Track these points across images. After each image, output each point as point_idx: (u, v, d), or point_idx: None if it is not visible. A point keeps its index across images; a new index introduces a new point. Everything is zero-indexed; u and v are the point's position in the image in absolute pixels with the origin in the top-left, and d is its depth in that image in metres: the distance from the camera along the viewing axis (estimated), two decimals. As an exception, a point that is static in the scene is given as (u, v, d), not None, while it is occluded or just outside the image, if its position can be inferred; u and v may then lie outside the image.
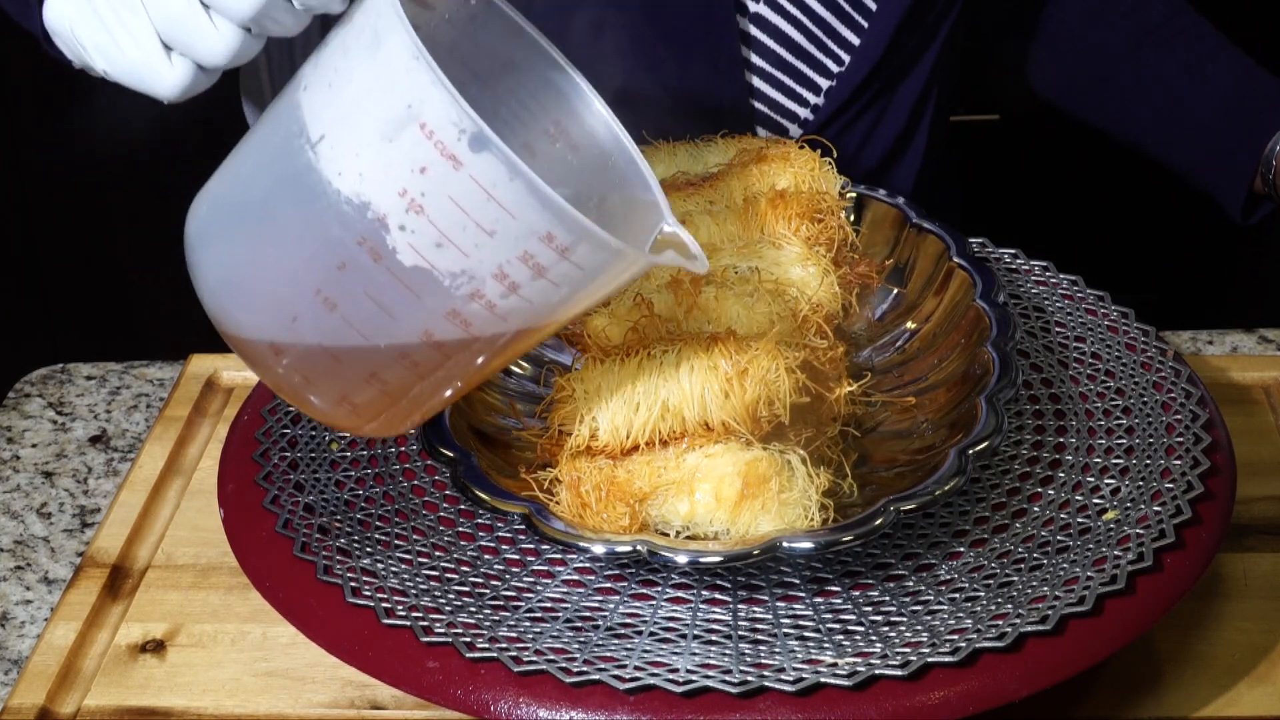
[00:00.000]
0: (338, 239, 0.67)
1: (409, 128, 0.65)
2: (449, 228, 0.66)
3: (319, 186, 0.67)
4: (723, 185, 0.99)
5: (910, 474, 0.86)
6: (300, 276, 0.69)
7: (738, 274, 0.90)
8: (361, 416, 0.74)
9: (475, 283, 0.68)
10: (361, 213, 0.66)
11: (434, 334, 0.69)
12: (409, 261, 0.67)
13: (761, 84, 1.18)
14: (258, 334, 0.71)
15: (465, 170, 0.65)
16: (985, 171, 2.06)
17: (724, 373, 0.80)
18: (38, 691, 0.87)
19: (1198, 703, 0.85)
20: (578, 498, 0.81)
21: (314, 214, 0.67)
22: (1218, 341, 1.15)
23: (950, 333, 0.96)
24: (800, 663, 0.77)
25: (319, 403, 0.74)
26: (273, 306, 0.70)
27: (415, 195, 0.66)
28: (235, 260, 0.71)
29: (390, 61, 0.65)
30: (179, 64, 0.70)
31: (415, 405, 0.74)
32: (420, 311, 0.69)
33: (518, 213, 0.66)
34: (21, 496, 1.04)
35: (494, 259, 0.67)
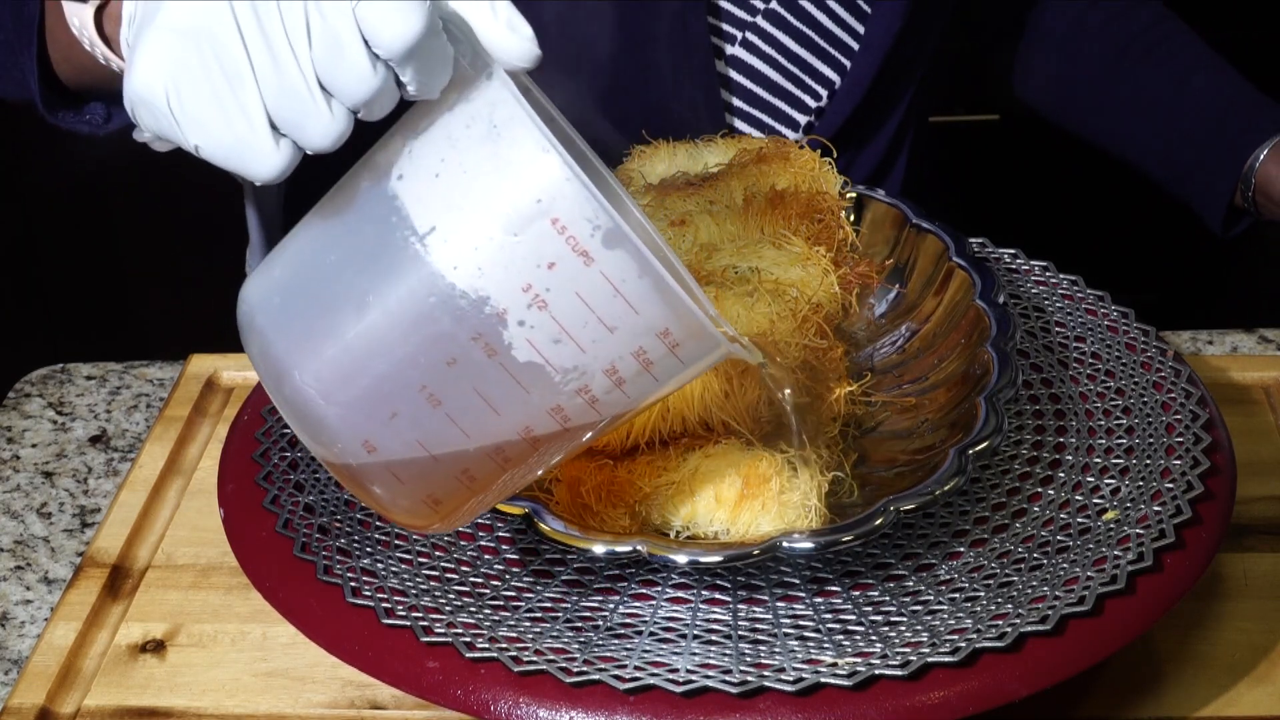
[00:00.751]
0: (449, 334, 0.65)
1: (538, 222, 0.63)
2: (571, 324, 0.65)
3: (429, 280, 0.64)
4: (723, 185, 0.99)
5: (910, 474, 0.86)
6: (404, 373, 0.66)
7: (738, 274, 0.90)
8: (440, 511, 0.71)
9: (585, 378, 0.66)
10: (479, 307, 0.64)
11: (533, 429, 0.68)
12: (523, 358, 0.65)
13: (741, 124, 1.19)
14: (351, 433, 0.67)
15: (596, 266, 0.64)
16: (985, 171, 2.06)
17: (724, 373, 0.80)
18: (38, 691, 0.87)
19: (1198, 703, 0.85)
20: (578, 498, 0.81)
21: (424, 308, 0.65)
22: (1218, 341, 1.15)
23: (950, 333, 0.96)
24: (800, 663, 0.77)
25: (389, 496, 0.70)
26: (371, 404, 0.67)
27: (540, 290, 0.64)
28: (324, 358, 0.67)
29: (513, 154, 0.63)
30: (284, 146, 0.65)
31: (489, 499, 0.72)
32: (526, 408, 0.67)
33: (641, 309, 0.65)
34: (21, 496, 1.04)
35: (609, 355, 0.66)
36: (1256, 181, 1.17)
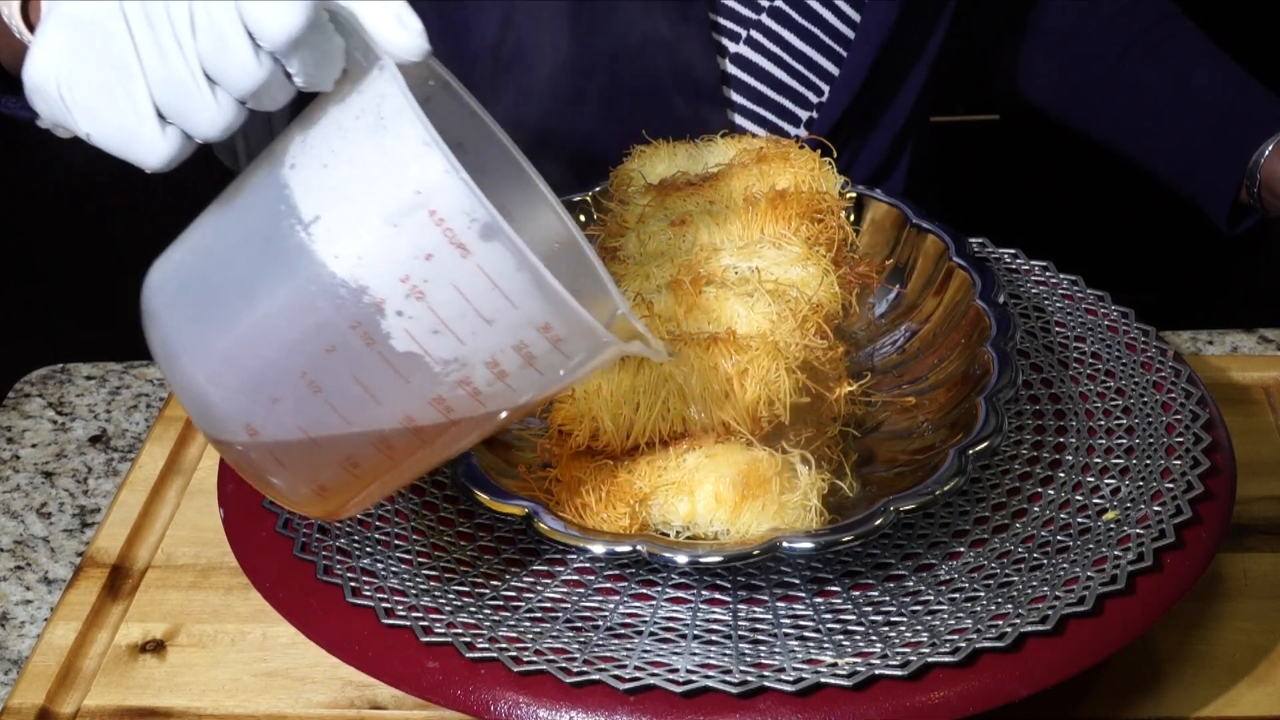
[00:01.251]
0: (329, 322, 0.66)
1: (417, 214, 0.64)
2: (449, 315, 0.65)
3: (311, 268, 0.65)
4: (723, 185, 0.99)
5: (910, 474, 0.86)
6: (285, 359, 0.67)
7: (738, 274, 0.90)
8: (326, 498, 0.72)
9: (466, 370, 0.67)
10: (358, 296, 0.65)
11: (415, 419, 0.68)
12: (402, 347, 0.66)
13: (744, 121, 1.19)
14: (235, 414, 0.69)
15: (473, 259, 0.64)
16: (985, 171, 2.06)
17: (724, 373, 0.80)
18: (38, 691, 0.87)
19: (1198, 703, 0.85)
20: (578, 498, 0.81)
21: (305, 296, 0.66)
22: (1218, 341, 1.15)
23: (950, 333, 0.96)
24: (800, 663, 0.77)
25: (284, 484, 0.71)
26: (254, 388, 0.68)
27: (418, 281, 0.65)
28: (212, 340, 0.68)
29: (397, 146, 0.64)
30: (171, 135, 0.67)
31: (381, 488, 0.73)
32: (406, 397, 0.68)
33: (520, 303, 0.65)
34: (21, 496, 1.04)
35: (489, 347, 0.67)
36: (1261, 177, 1.17)
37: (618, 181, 1.03)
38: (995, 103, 2.05)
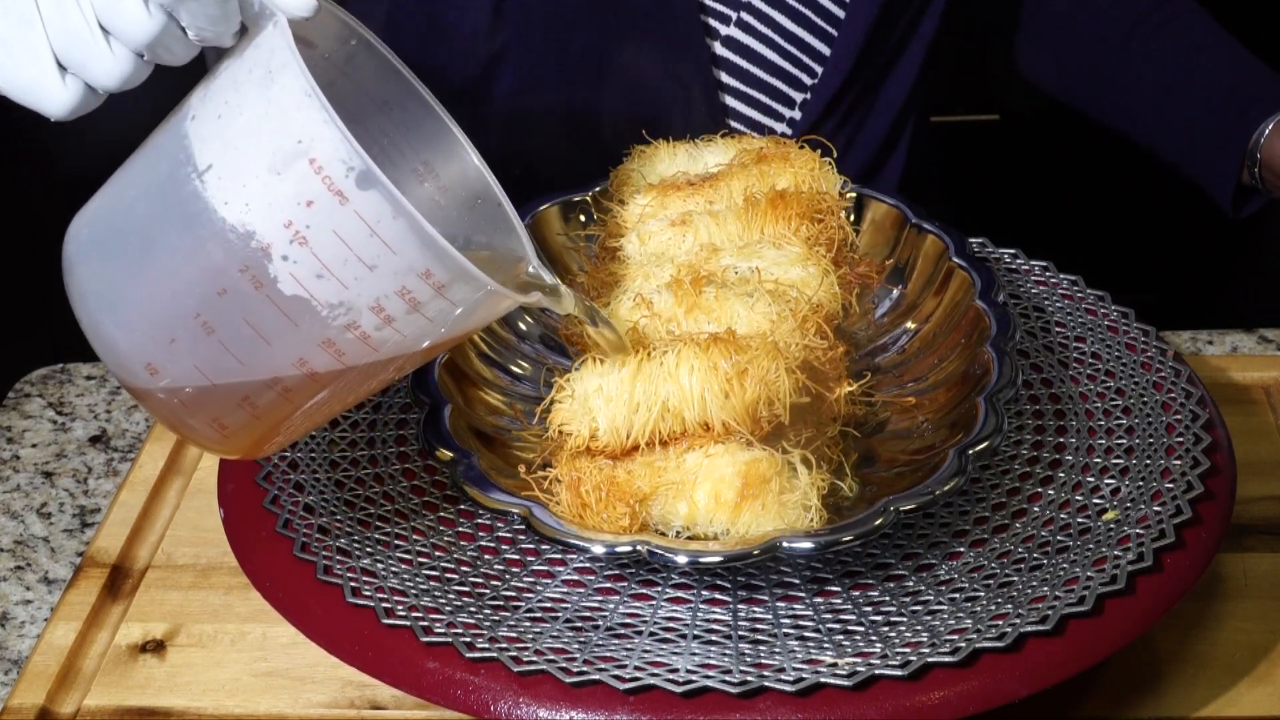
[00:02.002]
0: (220, 266, 0.69)
1: (298, 162, 0.67)
2: (331, 260, 0.68)
3: (204, 214, 0.69)
4: (723, 185, 0.99)
5: (910, 474, 0.86)
6: (180, 300, 0.70)
7: (738, 274, 0.90)
8: (230, 439, 0.75)
9: (352, 314, 0.70)
10: (246, 241, 0.69)
11: (308, 362, 0.71)
12: (289, 291, 0.69)
13: (736, 103, 1.19)
14: (135, 354, 0.72)
15: (351, 206, 0.67)
16: (985, 171, 2.06)
17: (724, 373, 0.80)
18: (38, 691, 0.87)
19: (1198, 703, 0.85)
20: (578, 498, 0.81)
21: (198, 240, 0.69)
22: (1218, 341, 1.15)
23: (950, 333, 0.96)
24: (800, 663, 0.77)
25: (191, 423, 0.75)
26: (152, 328, 0.71)
27: (300, 227, 0.68)
28: (116, 283, 0.72)
29: (282, 98, 0.68)
30: (71, 84, 0.71)
31: (283, 430, 0.76)
32: (296, 340, 0.71)
33: (399, 249, 0.68)
34: (21, 496, 1.04)
35: (372, 292, 0.69)
36: (1262, 157, 1.17)
37: (618, 181, 1.03)
38: (995, 103, 2.05)
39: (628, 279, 0.91)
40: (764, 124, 1.20)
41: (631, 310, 0.87)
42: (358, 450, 0.92)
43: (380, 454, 0.92)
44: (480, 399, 0.93)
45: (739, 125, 1.20)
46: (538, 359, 0.98)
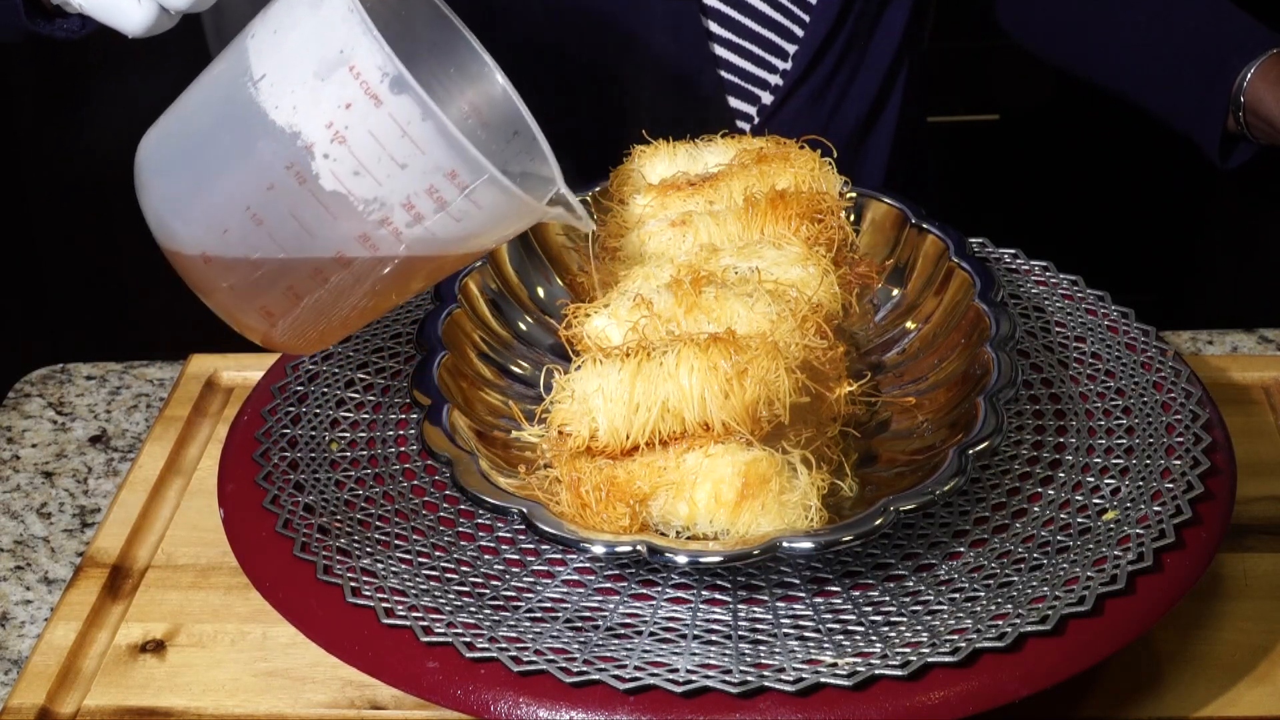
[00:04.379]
0: (269, 163, 0.78)
1: (339, 69, 0.76)
2: (366, 158, 0.77)
3: (257, 118, 0.78)
4: (723, 185, 0.99)
5: (910, 474, 0.86)
6: (234, 195, 0.79)
7: (738, 274, 0.90)
8: (278, 328, 0.84)
9: (385, 210, 0.78)
10: (292, 141, 0.77)
11: (345, 254, 0.79)
12: (329, 186, 0.77)
13: (728, 54, 1.19)
14: (194, 245, 0.81)
15: (385, 108, 0.76)
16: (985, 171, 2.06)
17: (724, 373, 0.80)
18: (38, 691, 0.87)
19: (1198, 703, 0.85)
20: (578, 498, 0.81)
21: (251, 141, 0.78)
22: (1218, 341, 1.15)
23: (950, 333, 0.96)
24: (800, 663, 0.77)
25: (243, 311, 0.83)
26: (208, 221, 0.80)
27: (340, 128, 0.77)
28: (179, 181, 0.81)
29: (329, 14, 0.76)
30: (147, 4, 0.82)
31: (325, 324, 0.84)
32: (336, 232, 0.79)
33: (427, 149, 0.76)
34: (21, 496, 1.04)
35: (404, 189, 0.77)
36: (1245, 101, 1.17)
37: (618, 181, 1.03)
38: (995, 103, 2.05)
39: (628, 279, 0.91)
40: (758, 75, 1.20)
41: (631, 310, 0.87)
42: (358, 450, 0.92)
43: (380, 454, 0.92)
44: (480, 399, 0.93)
45: (731, 76, 1.20)
46: (538, 359, 0.98)
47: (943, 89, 1.44)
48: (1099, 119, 1.93)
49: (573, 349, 0.93)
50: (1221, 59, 1.19)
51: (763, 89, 1.20)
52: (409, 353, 1.00)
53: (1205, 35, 1.21)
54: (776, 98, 1.21)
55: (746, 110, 1.22)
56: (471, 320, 0.97)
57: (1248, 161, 1.23)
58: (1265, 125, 1.17)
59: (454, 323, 0.95)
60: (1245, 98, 1.17)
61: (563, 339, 0.94)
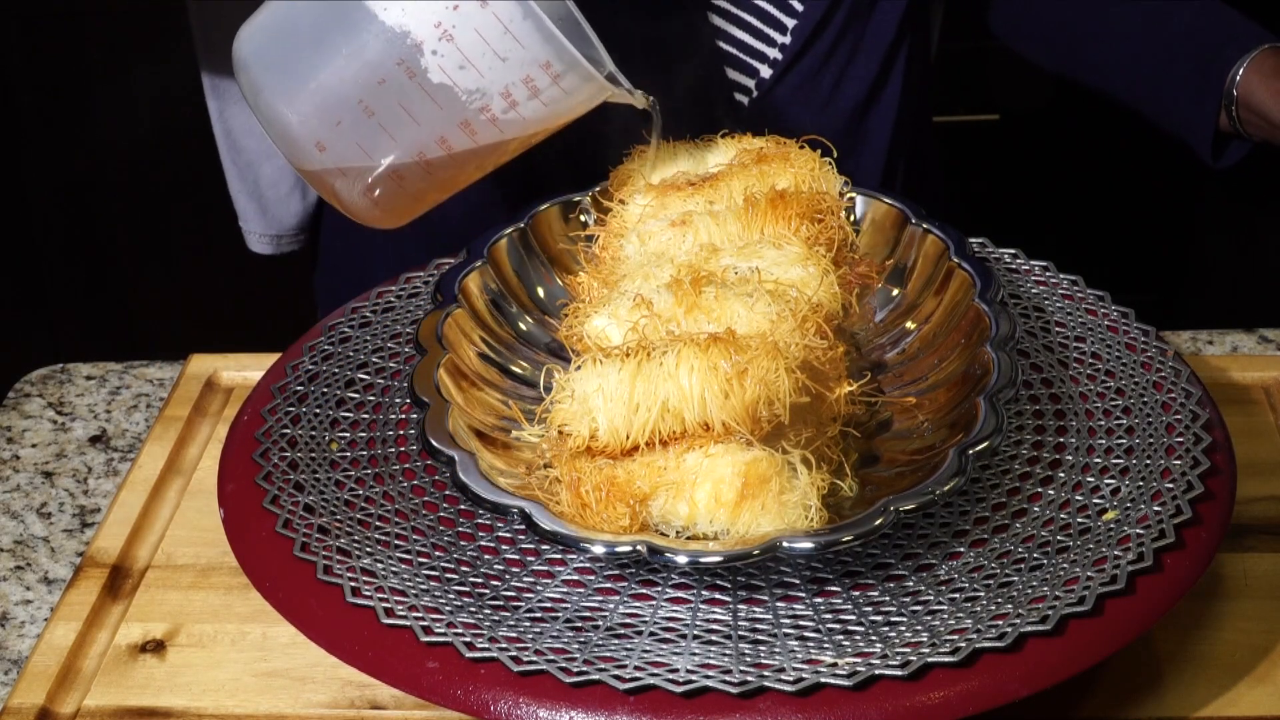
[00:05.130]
0: (379, 60, 0.87)
1: None
2: (472, 53, 0.87)
3: (367, 19, 0.87)
4: (723, 185, 0.99)
5: (910, 474, 0.86)
6: (346, 89, 0.88)
7: (738, 274, 0.90)
8: (379, 206, 0.94)
9: (486, 99, 0.88)
10: (402, 39, 0.87)
11: (448, 140, 0.90)
12: (436, 80, 0.87)
13: (726, 24, 1.19)
14: (308, 135, 0.90)
15: (490, 8, 0.86)
16: (985, 171, 2.06)
17: (724, 373, 0.80)
18: (38, 691, 0.87)
19: (1198, 703, 0.85)
20: (578, 498, 0.81)
21: (362, 40, 0.87)
22: (1218, 341, 1.15)
23: (950, 333, 0.96)
24: (800, 663, 0.77)
25: (349, 194, 0.92)
26: (321, 113, 0.89)
27: (448, 26, 0.86)
28: (290, 77, 0.89)
29: None
30: None
31: (420, 199, 0.94)
32: (440, 120, 0.89)
33: (526, 44, 0.86)
34: (21, 496, 1.04)
35: (504, 80, 0.88)
36: (1238, 95, 1.17)
37: (618, 181, 1.03)
38: (995, 103, 2.05)
39: (628, 279, 0.91)
40: (756, 48, 1.20)
41: (631, 310, 0.87)
42: (358, 450, 0.92)
43: (380, 454, 0.92)
44: (480, 399, 0.93)
45: (728, 47, 1.20)
46: (538, 359, 0.98)
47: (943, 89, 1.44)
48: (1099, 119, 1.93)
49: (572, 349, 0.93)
50: (1214, 53, 1.19)
51: (761, 61, 1.21)
52: (409, 353, 1.00)
53: (1198, 32, 1.21)
54: (775, 71, 1.21)
55: (745, 83, 1.22)
56: (471, 320, 0.97)
57: (1239, 163, 1.23)
58: (1258, 119, 1.17)
59: (454, 323, 0.95)
60: (1238, 91, 1.17)
61: (563, 339, 0.94)
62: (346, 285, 1.22)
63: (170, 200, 2.13)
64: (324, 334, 1.02)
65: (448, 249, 1.07)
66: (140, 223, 2.17)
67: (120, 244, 2.18)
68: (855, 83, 1.24)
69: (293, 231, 1.37)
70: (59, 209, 2.16)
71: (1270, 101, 1.15)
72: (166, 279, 2.19)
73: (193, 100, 1.41)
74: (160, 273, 2.19)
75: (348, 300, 1.06)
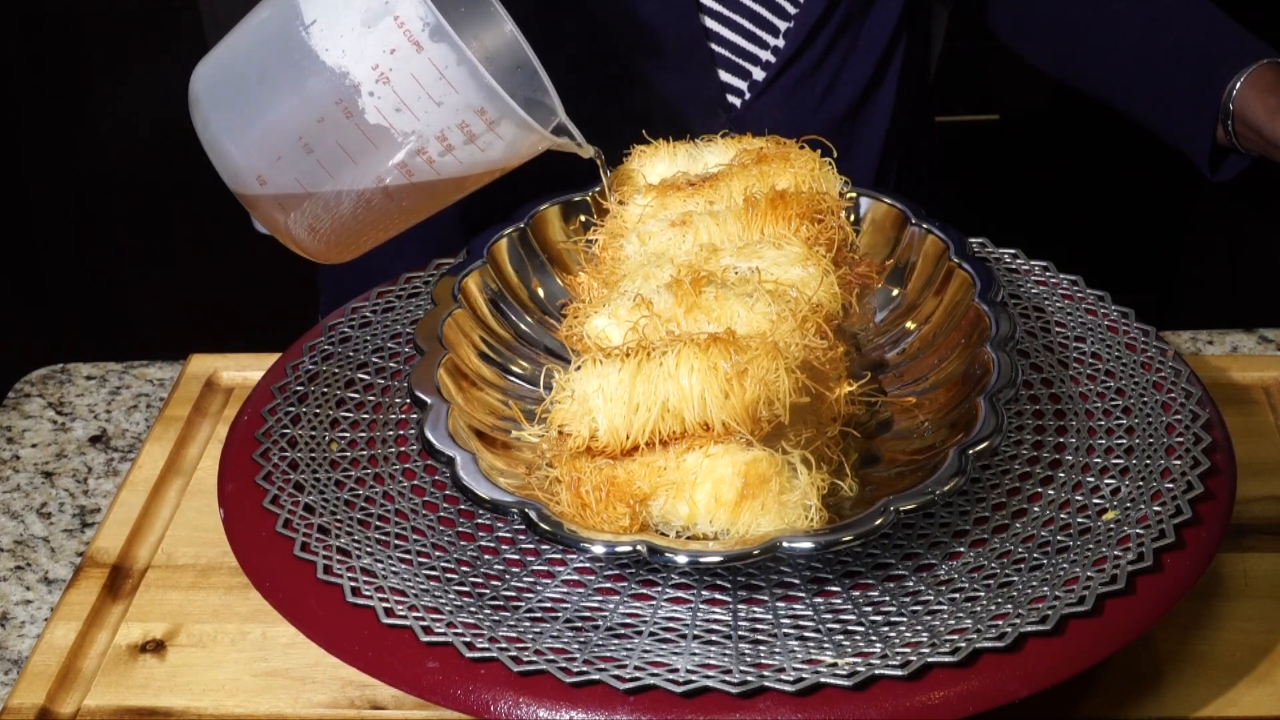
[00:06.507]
0: (319, 99, 0.89)
1: (385, 18, 0.88)
2: (407, 97, 0.89)
3: (309, 59, 0.89)
4: (723, 185, 0.99)
5: (910, 474, 0.86)
6: (287, 126, 0.91)
7: (738, 274, 0.90)
8: (320, 241, 0.95)
9: (421, 141, 0.90)
10: (341, 80, 0.89)
11: (384, 179, 0.92)
12: (373, 120, 0.89)
13: (718, 26, 1.19)
14: (249, 168, 0.92)
15: (425, 54, 0.88)
16: (985, 171, 2.06)
17: (724, 373, 0.80)
18: (38, 691, 0.87)
19: (1198, 703, 0.85)
20: (578, 498, 0.81)
21: (303, 80, 0.90)
22: (1218, 341, 1.15)
23: (950, 333, 0.96)
24: (800, 663, 0.77)
25: (289, 227, 0.94)
26: (263, 148, 0.92)
27: (385, 69, 0.88)
28: (234, 112, 0.92)
29: None
30: None
31: (362, 237, 0.96)
32: (377, 160, 0.91)
33: (461, 89, 0.88)
34: (21, 496, 1.04)
35: (439, 124, 0.89)
36: (1234, 109, 1.17)
37: (618, 181, 1.03)
38: (995, 103, 2.05)
39: (628, 279, 0.91)
40: (748, 50, 1.20)
41: (631, 310, 0.87)
42: (358, 450, 0.92)
43: (380, 454, 0.92)
44: (480, 399, 0.93)
45: (722, 50, 1.20)
46: (538, 359, 0.98)
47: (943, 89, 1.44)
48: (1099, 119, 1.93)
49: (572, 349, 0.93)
50: (1212, 68, 1.19)
51: (754, 64, 1.21)
52: (409, 353, 1.00)
53: (1197, 46, 1.21)
54: (769, 74, 1.21)
55: (738, 85, 1.22)
56: (471, 320, 0.97)
57: (1237, 176, 1.23)
58: (1253, 134, 1.17)
59: (454, 323, 0.95)
60: (1234, 106, 1.17)
61: (563, 339, 0.94)
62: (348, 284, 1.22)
63: (170, 200, 2.14)
64: (324, 334, 1.02)
65: (448, 249, 1.07)
66: (140, 223, 2.17)
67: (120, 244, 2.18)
68: (849, 85, 1.24)
69: None
70: (59, 209, 2.17)
71: (1265, 117, 1.15)
72: (166, 279, 2.19)
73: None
74: (160, 273, 2.19)
75: (349, 299, 1.06)
